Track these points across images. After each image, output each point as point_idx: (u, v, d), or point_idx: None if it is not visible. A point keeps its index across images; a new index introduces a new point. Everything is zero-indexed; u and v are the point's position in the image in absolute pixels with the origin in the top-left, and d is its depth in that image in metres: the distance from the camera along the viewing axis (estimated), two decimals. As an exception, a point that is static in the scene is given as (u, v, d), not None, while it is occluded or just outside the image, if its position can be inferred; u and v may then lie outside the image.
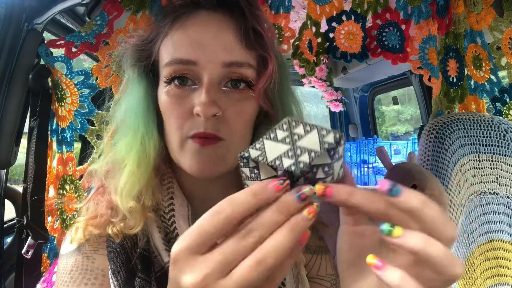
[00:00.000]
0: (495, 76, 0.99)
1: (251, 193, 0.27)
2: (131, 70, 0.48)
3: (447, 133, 0.80)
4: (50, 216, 0.76)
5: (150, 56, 0.47)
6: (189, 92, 0.43)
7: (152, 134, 0.46)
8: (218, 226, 0.26)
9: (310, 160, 0.28)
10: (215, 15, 0.45)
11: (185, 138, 0.43)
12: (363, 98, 2.26)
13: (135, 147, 0.45)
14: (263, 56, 0.45)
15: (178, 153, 0.44)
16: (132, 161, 0.45)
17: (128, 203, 0.44)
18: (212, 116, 0.41)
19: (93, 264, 0.45)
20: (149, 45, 0.47)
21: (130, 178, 0.45)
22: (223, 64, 0.43)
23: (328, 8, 0.83)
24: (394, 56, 0.85)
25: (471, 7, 0.96)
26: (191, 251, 0.26)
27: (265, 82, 0.45)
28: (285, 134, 0.29)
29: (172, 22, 0.45)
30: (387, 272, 0.26)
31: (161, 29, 0.46)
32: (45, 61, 0.71)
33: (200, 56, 0.42)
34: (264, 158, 0.28)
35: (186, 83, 0.44)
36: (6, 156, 0.69)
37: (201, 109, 0.40)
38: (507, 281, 0.82)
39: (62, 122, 0.75)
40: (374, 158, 2.02)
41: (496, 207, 0.83)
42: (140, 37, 0.48)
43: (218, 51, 0.43)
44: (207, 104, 0.40)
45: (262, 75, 0.45)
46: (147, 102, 0.47)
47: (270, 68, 0.45)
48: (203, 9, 0.45)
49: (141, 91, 0.47)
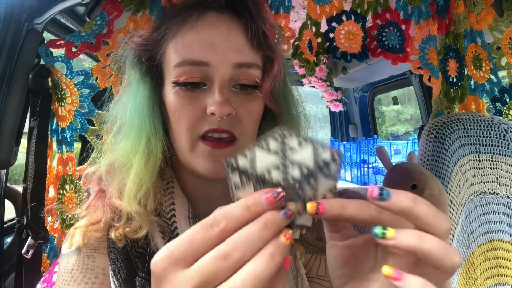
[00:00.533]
0: (495, 76, 0.99)
1: (245, 207, 0.25)
2: (134, 70, 0.48)
3: (447, 133, 0.80)
4: (50, 216, 0.76)
5: (155, 56, 0.47)
6: (199, 93, 0.44)
7: (159, 135, 0.46)
8: (209, 240, 0.25)
9: (301, 175, 0.26)
10: (224, 16, 0.45)
11: (196, 138, 0.43)
12: (363, 98, 2.26)
13: (141, 148, 0.45)
14: (269, 57, 0.46)
15: (189, 155, 0.44)
16: (139, 162, 0.44)
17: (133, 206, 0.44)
18: (226, 116, 0.42)
19: (93, 263, 0.45)
20: (155, 45, 0.47)
21: (137, 179, 0.44)
22: (234, 65, 0.43)
23: (328, 8, 0.83)
24: (394, 56, 0.85)
25: (471, 7, 0.96)
26: (175, 263, 0.24)
27: (271, 82, 0.46)
28: (278, 146, 0.27)
29: (181, 23, 0.45)
30: (406, 281, 0.25)
31: (169, 29, 0.46)
32: (45, 61, 0.71)
33: (213, 57, 0.43)
34: (252, 170, 0.27)
35: (198, 86, 0.44)
36: (6, 156, 0.68)
37: (216, 108, 0.41)
38: (507, 281, 0.82)
39: (62, 122, 0.75)
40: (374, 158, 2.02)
41: (496, 207, 0.83)
42: (145, 37, 0.48)
43: (229, 52, 0.43)
44: (222, 103, 0.41)
45: (268, 75, 0.46)
46: (151, 103, 0.47)
47: (275, 68, 0.46)
48: (211, 10, 0.45)
49: (145, 91, 0.47)
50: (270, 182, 0.26)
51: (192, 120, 0.43)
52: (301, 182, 0.27)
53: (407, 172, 0.70)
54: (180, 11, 0.46)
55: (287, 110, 0.50)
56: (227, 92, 0.43)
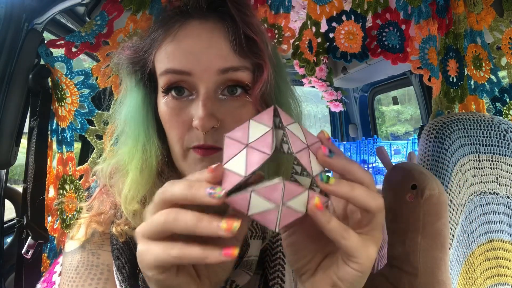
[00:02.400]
0: (495, 76, 0.99)
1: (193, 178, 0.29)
2: (129, 78, 0.49)
3: (447, 133, 0.80)
4: (50, 216, 0.76)
5: (145, 65, 0.47)
6: (186, 103, 0.44)
7: (153, 141, 0.46)
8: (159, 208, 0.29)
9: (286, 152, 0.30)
10: (207, 24, 0.44)
11: (186, 149, 0.44)
12: (363, 98, 2.26)
13: (137, 155, 0.46)
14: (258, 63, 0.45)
15: (182, 162, 0.45)
16: (135, 169, 0.45)
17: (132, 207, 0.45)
18: (211, 129, 0.42)
19: (98, 260, 0.46)
20: (143, 55, 0.47)
21: (133, 185, 0.45)
22: (219, 71, 0.43)
23: (328, 8, 0.83)
24: (394, 56, 0.85)
25: (471, 7, 0.96)
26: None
27: (261, 87, 0.45)
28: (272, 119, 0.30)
29: (164, 34, 0.44)
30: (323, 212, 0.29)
31: (153, 40, 0.46)
32: (45, 61, 0.71)
33: (194, 67, 0.42)
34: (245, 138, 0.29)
35: (183, 94, 0.44)
36: (6, 156, 0.69)
37: (199, 123, 0.41)
38: (507, 281, 0.82)
39: (62, 122, 0.75)
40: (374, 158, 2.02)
41: (496, 207, 0.83)
42: (133, 48, 0.48)
43: (213, 59, 0.42)
44: (204, 118, 0.41)
45: (258, 81, 0.45)
46: (145, 110, 0.47)
47: (265, 74, 0.45)
48: (193, 19, 0.44)
49: (139, 99, 0.48)
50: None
51: (181, 132, 0.44)
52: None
53: (407, 172, 0.70)
54: (163, 22, 0.46)
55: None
56: (211, 103, 0.42)
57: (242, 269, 0.47)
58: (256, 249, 0.49)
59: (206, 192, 0.26)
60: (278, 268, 0.49)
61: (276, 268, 0.49)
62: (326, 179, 0.29)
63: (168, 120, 0.45)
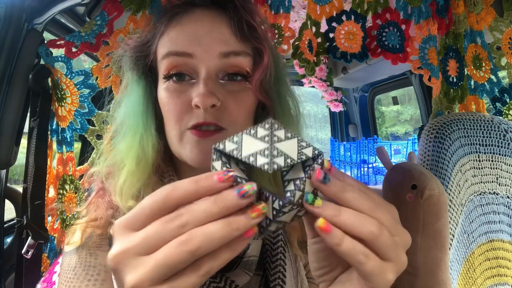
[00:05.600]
0: (495, 76, 0.98)
1: (193, 180, 0.27)
2: (130, 72, 0.49)
3: (447, 133, 0.80)
4: (50, 216, 0.76)
5: (148, 56, 0.48)
6: (187, 87, 0.44)
7: (151, 132, 0.46)
8: (154, 206, 0.26)
9: (284, 164, 0.27)
10: (209, 12, 0.46)
11: (184, 130, 0.44)
12: (363, 98, 2.26)
13: (134, 146, 0.46)
14: (258, 49, 0.46)
15: (178, 145, 0.45)
16: (131, 160, 0.45)
17: (127, 202, 0.44)
18: (211, 107, 0.42)
19: (96, 261, 0.46)
20: (146, 45, 0.48)
21: (129, 177, 0.45)
22: (220, 55, 0.43)
23: (328, 8, 0.83)
24: (394, 56, 0.85)
25: (471, 7, 0.96)
26: (124, 226, 0.27)
27: (261, 73, 0.46)
28: (266, 133, 0.28)
29: (168, 21, 0.46)
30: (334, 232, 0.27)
31: (157, 29, 0.47)
32: (45, 61, 0.71)
33: (196, 48, 0.43)
34: (239, 152, 0.27)
35: (184, 79, 0.45)
36: (6, 156, 0.68)
37: (199, 100, 0.41)
38: (507, 281, 0.82)
39: (62, 122, 0.75)
40: (374, 158, 2.02)
41: (496, 207, 0.83)
42: (138, 39, 0.49)
43: (214, 43, 0.43)
44: (205, 95, 0.41)
45: (258, 67, 0.46)
46: (146, 102, 0.48)
47: (265, 59, 0.46)
48: (197, 7, 0.46)
49: (140, 91, 0.48)
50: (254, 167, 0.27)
51: (180, 113, 0.43)
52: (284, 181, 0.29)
53: (407, 172, 0.70)
54: (167, 10, 0.47)
55: (280, 103, 0.49)
56: (212, 84, 0.43)
57: (242, 269, 0.47)
58: (256, 249, 0.49)
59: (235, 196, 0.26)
60: (279, 269, 0.49)
61: (277, 269, 0.49)
62: (312, 200, 0.28)
63: (167, 103, 0.45)
